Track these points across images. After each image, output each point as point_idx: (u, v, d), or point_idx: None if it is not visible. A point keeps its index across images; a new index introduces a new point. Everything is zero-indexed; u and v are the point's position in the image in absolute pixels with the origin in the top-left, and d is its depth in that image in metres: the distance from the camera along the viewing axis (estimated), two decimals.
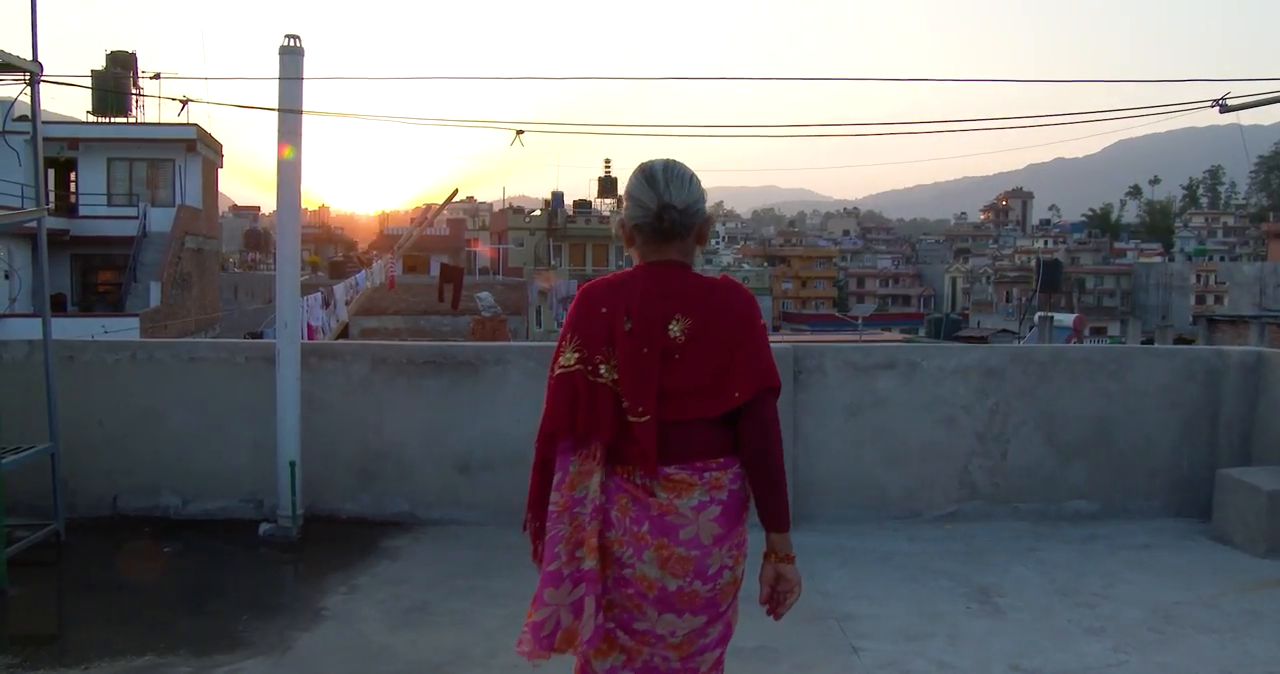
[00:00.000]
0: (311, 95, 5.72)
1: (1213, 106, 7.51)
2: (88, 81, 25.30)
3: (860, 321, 50.34)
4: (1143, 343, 38.71)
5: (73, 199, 31.60)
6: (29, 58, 5.21)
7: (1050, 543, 5.58)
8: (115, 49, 33.42)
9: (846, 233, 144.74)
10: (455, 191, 23.31)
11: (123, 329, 23.14)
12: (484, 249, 63.54)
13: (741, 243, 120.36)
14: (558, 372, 2.44)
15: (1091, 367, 6.11)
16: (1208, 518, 5.85)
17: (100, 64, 32.46)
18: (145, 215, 30.36)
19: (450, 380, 5.84)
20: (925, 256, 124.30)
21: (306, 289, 11.99)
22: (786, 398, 5.75)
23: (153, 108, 34.08)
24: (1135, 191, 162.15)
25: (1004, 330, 52.65)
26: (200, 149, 32.00)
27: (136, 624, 4.27)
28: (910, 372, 5.96)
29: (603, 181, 68.35)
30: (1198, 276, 76.91)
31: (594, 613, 2.32)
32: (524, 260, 59.12)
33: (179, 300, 30.53)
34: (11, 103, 5.71)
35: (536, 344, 6.18)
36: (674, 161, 2.51)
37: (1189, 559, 5.34)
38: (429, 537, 5.58)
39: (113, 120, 32.55)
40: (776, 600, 2.56)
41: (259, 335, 22.40)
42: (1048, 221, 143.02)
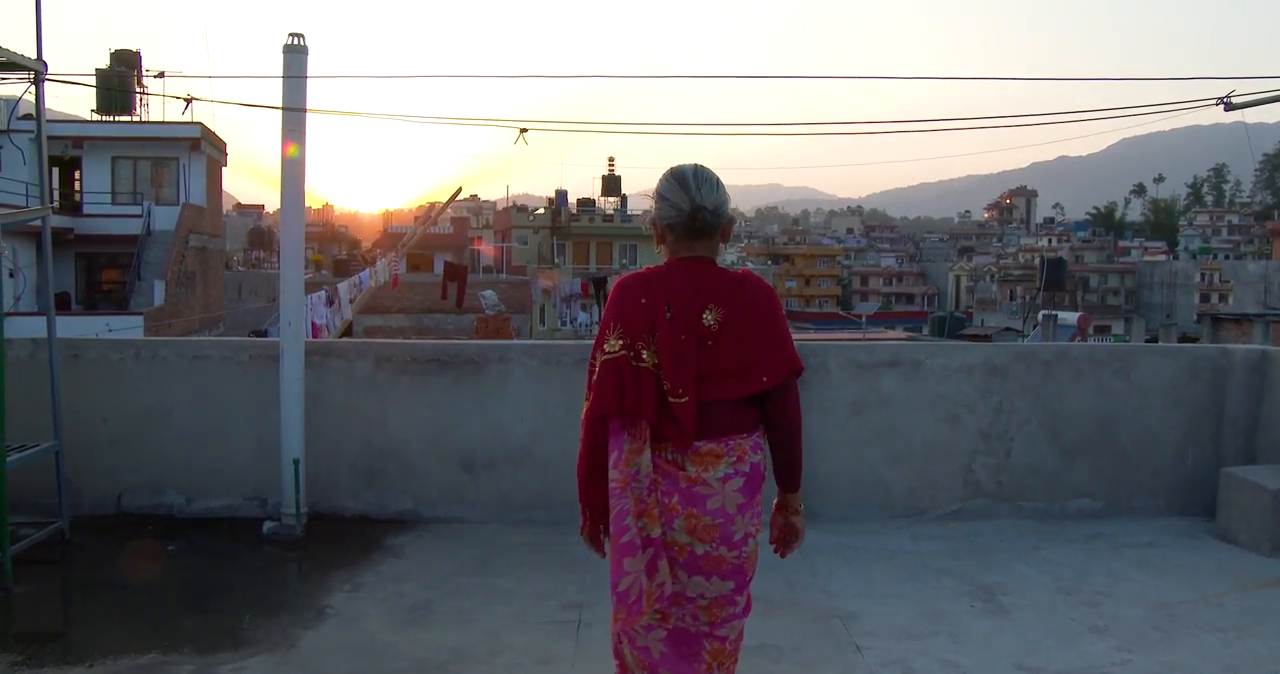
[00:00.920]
0: (315, 93, 5.72)
1: (1217, 104, 7.49)
2: (92, 80, 25.31)
3: (864, 320, 50.29)
4: (1147, 341, 38.64)
5: (77, 197, 31.63)
6: (33, 56, 5.21)
7: (1054, 541, 5.58)
8: (119, 47, 33.46)
9: (850, 231, 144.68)
10: (459, 190, 23.32)
11: (127, 327, 23.18)
12: (487, 248, 63.55)
13: (745, 241, 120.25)
14: (604, 358, 2.67)
15: (1095, 365, 6.10)
16: (1212, 516, 5.84)
17: (105, 63, 32.49)
18: (149, 214, 30.39)
19: (454, 379, 5.84)
20: (929, 255, 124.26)
21: (310, 287, 12.00)
22: None
23: (157, 106, 34.24)
24: (1140, 190, 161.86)
25: (1008, 329, 52.57)
26: (204, 147, 32.03)
27: (140, 622, 4.28)
28: (914, 370, 5.96)
29: (607, 180, 68.28)
30: (1202, 275, 76.79)
31: (668, 571, 2.60)
32: (528, 259, 59.11)
33: (183, 299, 30.56)
34: (16, 101, 5.73)
35: (540, 342, 6.19)
36: (702, 166, 2.73)
37: (1193, 558, 5.33)
38: (432, 535, 5.58)
39: (117, 119, 32.58)
40: (785, 543, 2.93)
41: (263, 334, 22.42)
42: (1052, 220, 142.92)
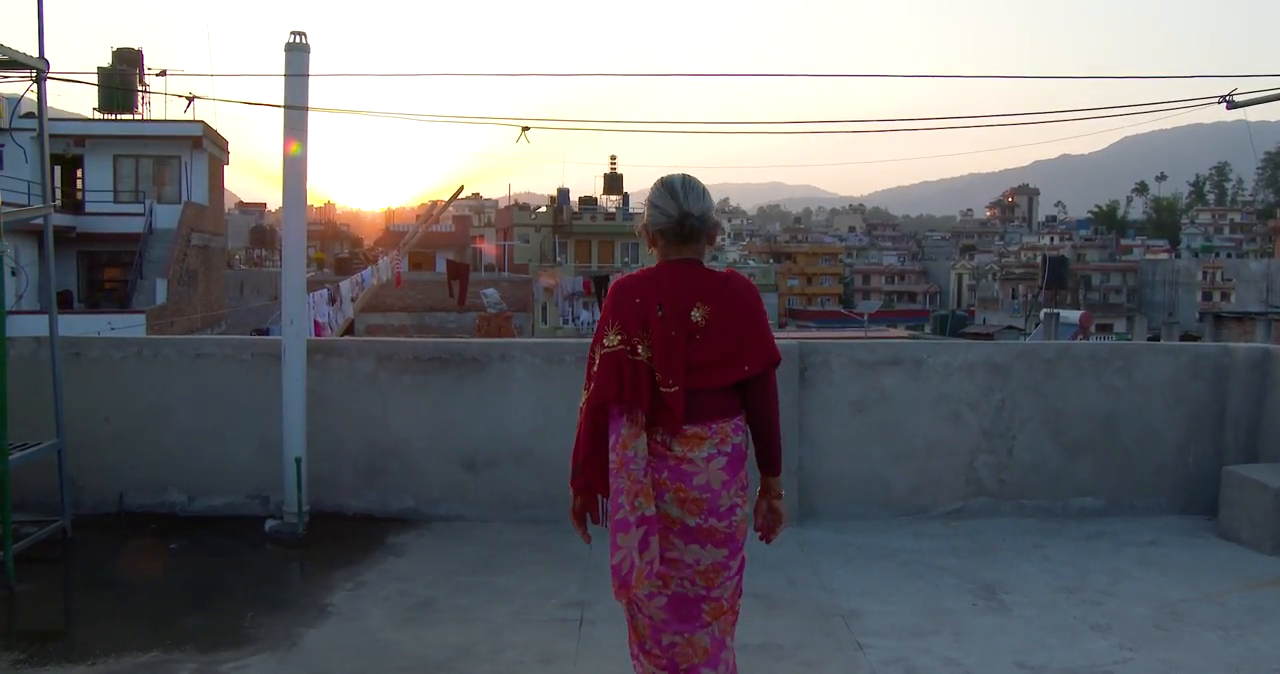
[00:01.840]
0: (317, 91, 5.73)
1: (1219, 103, 7.49)
2: (94, 78, 25.33)
3: (866, 318, 50.24)
4: (1149, 340, 38.63)
5: (79, 196, 31.66)
6: (35, 55, 5.22)
7: (1056, 540, 5.58)
8: (121, 46, 33.51)
9: (852, 229, 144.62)
10: (461, 188, 23.30)
11: (129, 326, 23.19)
12: (488, 247, 63.54)
13: (747, 239, 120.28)
14: (604, 351, 2.94)
15: (1097, 363, 6.10)
16: (1214, 515, 5.84)
17: (106, 61, 32.52)
18: (151, 212, 30.41)
19: (455, 377, 5.84)
20: (931, 253, 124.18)
21: (312, 286, 12.00)
22: (792, 395, 5.75)
23: (159, 105, 34.22)
24: (1142, 188, 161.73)
25: (1010, 327, 52.57)
26: (206, 146, 32.04)
27: (143, 620, 4.28)
28: (916, 368, 5.96)
29: (609, 178, 68.25)
30: (1204, 273, 76.73)
31: (658, 549, 2.82)
32: (530, 257, 59.11)
33: (185, 297, 30.58)
34: (18, 100, 5.74)
35: (542, 341, 6.19)
36: (690, 177, 3.01)
37: (1195, 556, 5.33)
38: (434, 533, 5.58)
39: (119, 117, 32.60)
40: (768, 528, 3.14)
41: (265, 332, 22.42)
42: (1054, 218, 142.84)
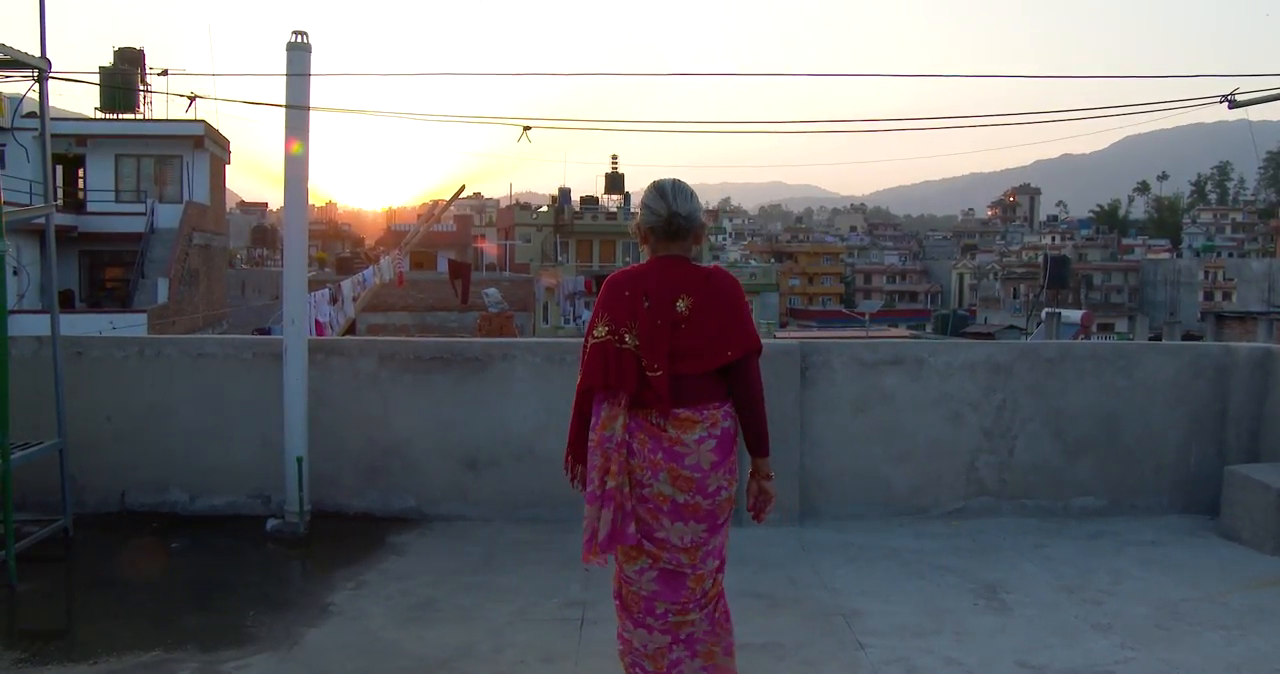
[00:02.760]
0: (319, 91, 5.72)
1: (1221, 102, 7.49)
2: (96, 78, 25.35)
3: (867, 318, 50.26)
4: (1150, 339, 38.62)
5: (81, 195, 31.68)
6: (37, 54, 5.21)
7: (1057, 539, 5.58)
8: (123, 45, 33.55)
9: (853, 229, 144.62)
10: (462, 188, 23.29)
11: (130, 325, 23.21)
12: (489, 247, 63.52)
13: (748, 239, 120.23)
14: (592, 341, 3.20)
15: (1099, 363, 6.10)
16: (1216, 515, 5.83)
17: (108, 61, 32.53)
18: (153, 212, 30.41)
19: (457, 377, 5.84)
20: (932, 253, 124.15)
21: (313, 285, 12.01)
22: (793, 394, 5.75)
23: (160, 104, 34.19)
24: (1143, 187, 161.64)
25: (1011, 327, 52.51)
26: (208, 145, 32.05)
27: (144, 620, 4.28)
28: (917, 368, 5.96)
29: (610, 177, 68.23)
30: (1206, 273, 76.66)
31: (620, 520, 3.09)
32: (531, 256, 59.11)
33: (186, 297, 30.59)
34: (20, 99, 5.73)
35: (543, 340, 6.18)
36: (679, 181, 3.28)
37: (1197, 556, 5.33)
38: (436, 533, 5.58)
39: (120, 117, 32.61)
40: (759, 508, 3.34)
41: (266, 331, 22.43)
42: (1055, 218, 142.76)
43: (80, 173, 31.89)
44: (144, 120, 32.67)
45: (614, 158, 68.16)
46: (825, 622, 4.34)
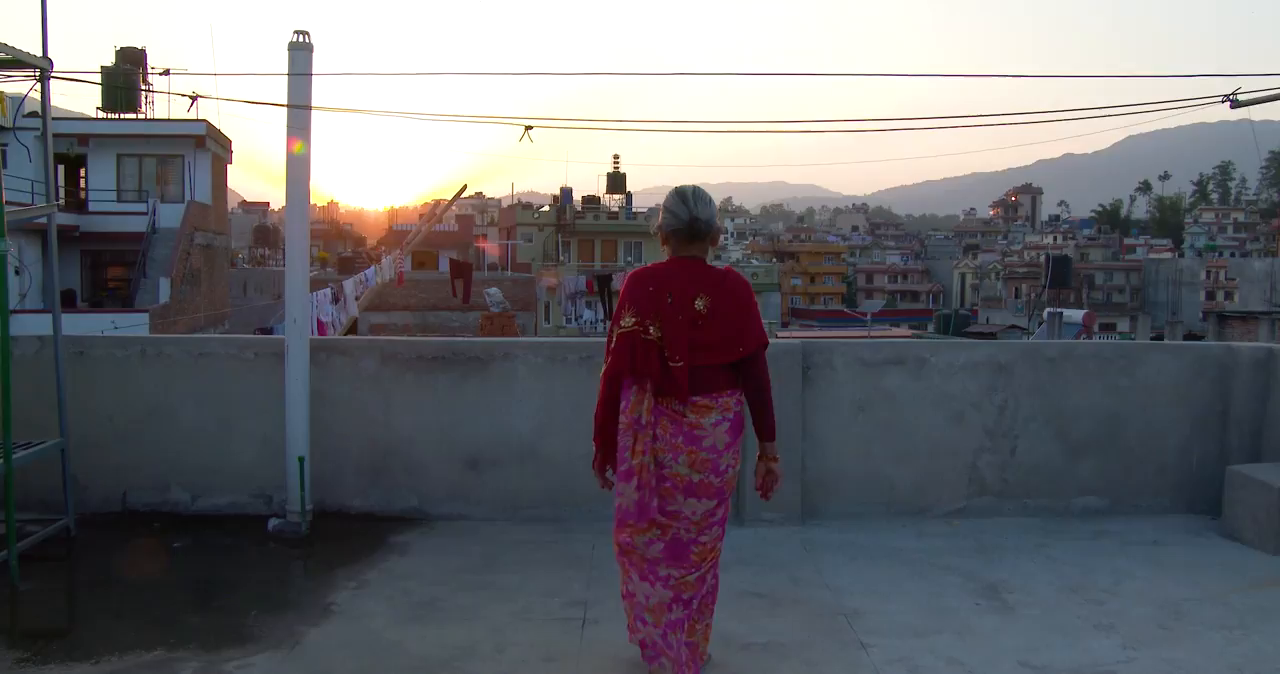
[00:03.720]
0: (321, 91, 5.72)
1: (1223, 102, 7.49)
2: (97, 78, 25.39)
3: (869, 317, 50.16)
4: (1152, 339, 38.60)
5: (83, 195, 31.71)
6: (39, 54, 5.21)
7: (1059, 539, 5.57)
8: (125, 45, 33.55)
9: (855, 229, 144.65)
10: (464, 187, 23.34)
11: (132, 325, 23.24)
12: (490, 246, 63.51)
13: (750, 238, 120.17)
14: (620, 331, 3.53)
15: (1101, 363, 6.09)
16: (1218, 514, 5.83)
17: (110, 60, 32.57)
18: (155, 211, 30.44)
19: (459, 376, 5.84)
20: (934, 252, 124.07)
21: (315, 285, 12.01)
22: (795, 394, 5.75)
23: (162, 104, 34.24)
24: (1145, 187, 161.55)
25: (1013, 326, 52.47)
26: (209, 145, 32.07)
27: (146, 619, 4.28)
28: (919, 368, 5.95)
29: (612, 177, 68.19)
30: (1208, 273, 76.64)
31: (646, 496, 3.44)
32: (533, 256, 59.10)
33: (188, 296, 30.61)
34: (22, 99, 5.73)
35: (545, 340, 6.18)
36: (699, 187, 3.60)
37: (1199, 555, 5.33)
38: (437, 532, 5.58)
39: (122, 116, 32.65)
40: (766, 486, 3.67)
41: (268, 331, 22.44)
42: (1057, 217, 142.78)
43: (82, 172, 31.92)
44: (146, 120, 32.71)
45: (616, 157, 68.15)
46: (827, 621, 4.34)
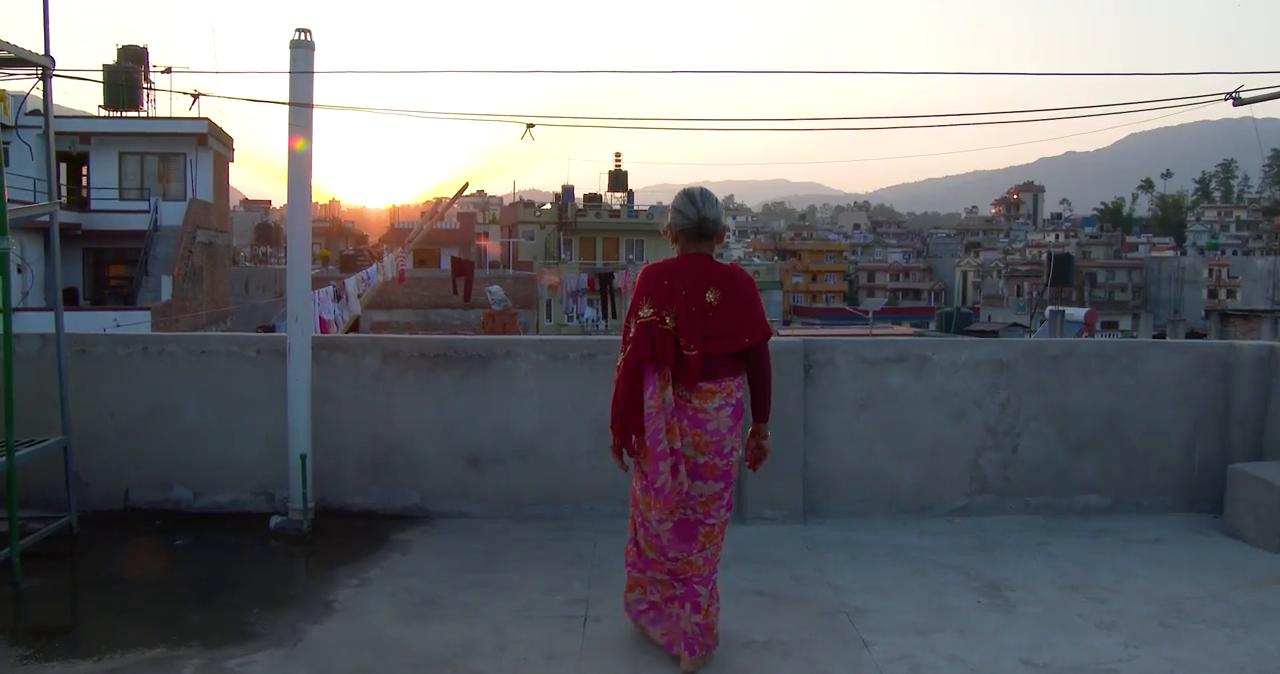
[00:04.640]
0: (322, 89, 5.71)
1: (1226, 99, 7.47)
2: (99, 76, 25.39)
3: (870, 316, 50.15)
4: (1154, 337, 38.58)
5: (85, 193, 31.73)
6: (41, 52, 5.22)
7: (1061, 537, 5.57)
8: (126, 43, 33.53)
9: (857, 227, 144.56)
10: (466, 185, 23.34)
11: (134, 323, 23.24)
12: (490, 246, 63.49)
13: (752, 237, 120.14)
14: (639, 321, 3.73)
15: (1103, 361, 6.09)
16: (1219, 513, 5.83)
17: (112, 58, 32.57)
18: (157, 209, 30.46)
19: (460, 374, 5.84)
20: (936, 250, 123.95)
21: (317, 283, 12.01)
22: (796, 392, 5.75)
23: (164, 102, 34.23)
24: (1147, 185, 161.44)
25: (1015, 324, 52.44)
26: (211, 143, 32.08)
27: (148, 616, 4.29)
28: (921, 366, 5.95)
29: (613, 175, 68.18)
30: (1210, 271, 76.59)
31: (685, 475, 3.68)
32: (534, 254, 59.11)
33: (190, 294, 30.63)
34: (24, 97, 5.73)
35: (547, 337, 6.19)
36: (705, 188, 3.87)
37: (1200, 554, 5.32)
38: (439, 530, 5.59)
39: (124, 114, 32.67)
40: (755, 460, 4.02)
41: (270, 329, 22.47)
42: (1059, 215, 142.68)
43: (84, 170, 31.94)
44: (148, 118, 32.74)
45: (617, 155, 68.16)
46: (829, 620, 4.34)
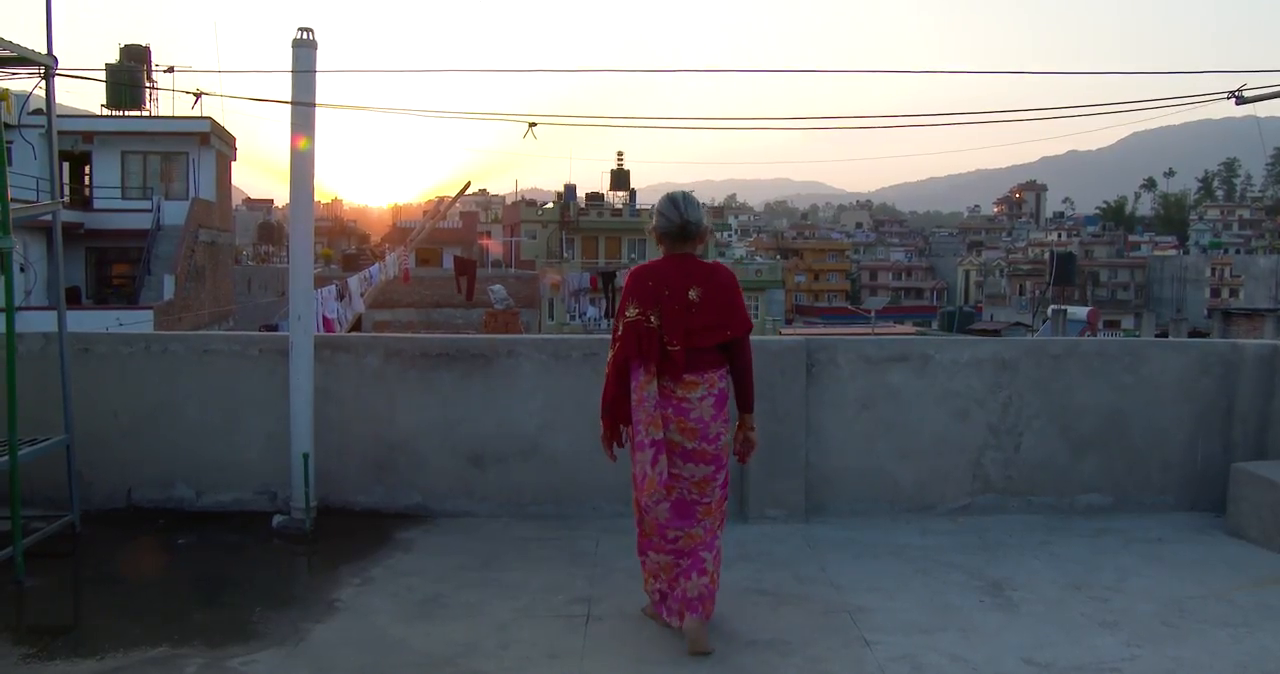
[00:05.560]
0: (324, 88, 5.71)
1: (1228, 98, 7.45)
2: (102, 75, 25.40)
3: (873, 315, 50.12)
4: (1157, 336, 38.54)
5: (87, 192, 31.75)
6: (44, 51, 5.22)
7: (1063, 536, 5.57)
8: (129, 43, 33.58)
9: (859, 226, 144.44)
10: (468, 184, 23.39)
11: (137, 322, 23.25)
12: (492, 245, 63.51)
13: (754, 236, 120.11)
14: (626, 320, 3.99)
15: (1105, 360, 6.08)
16: (1222, 512, 5.82)
17: (114, 58, 32.63)
18: (159, 208, 30.48)
19: (462, 373, 5.85)
20: (938, 249, 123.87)
21: (320, 282, 12.02)
22: (798, 391, 5.75)
23: (166, 101, 34.23)
24: (1150, 184, 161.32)
25: (1017, 323, 52.40)
26: (214, 142, 32.10)
27: (151, 615, 4.29)
28: (923, 364, 5.95)
29: (615, 174, 68.21)
30: (1213, 270, 76.55)
31: (665, 465, 3.92)
32: (536, 253, 59.13)
33: (193, 293, 30.66)
34: (27, 96, 5.73)
35: (549, 336, 6.19)
36: (688, 193, 4.13)
37: (1203, 553, 5.32)
38: (441, 529, 5.59)
39: (127, 114, 32.69)
40: (743, 452, 4.26)
41: (273, 328, 22.46)
42: (1061, 214, 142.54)
43: (87, 170, 31.96)
44: (150, 117, 32.77)
45: (619, 154, 68.27)
46: (831, 618, 4.34)
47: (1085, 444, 6.03)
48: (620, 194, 67.22)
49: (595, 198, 66.00)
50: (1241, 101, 7.44)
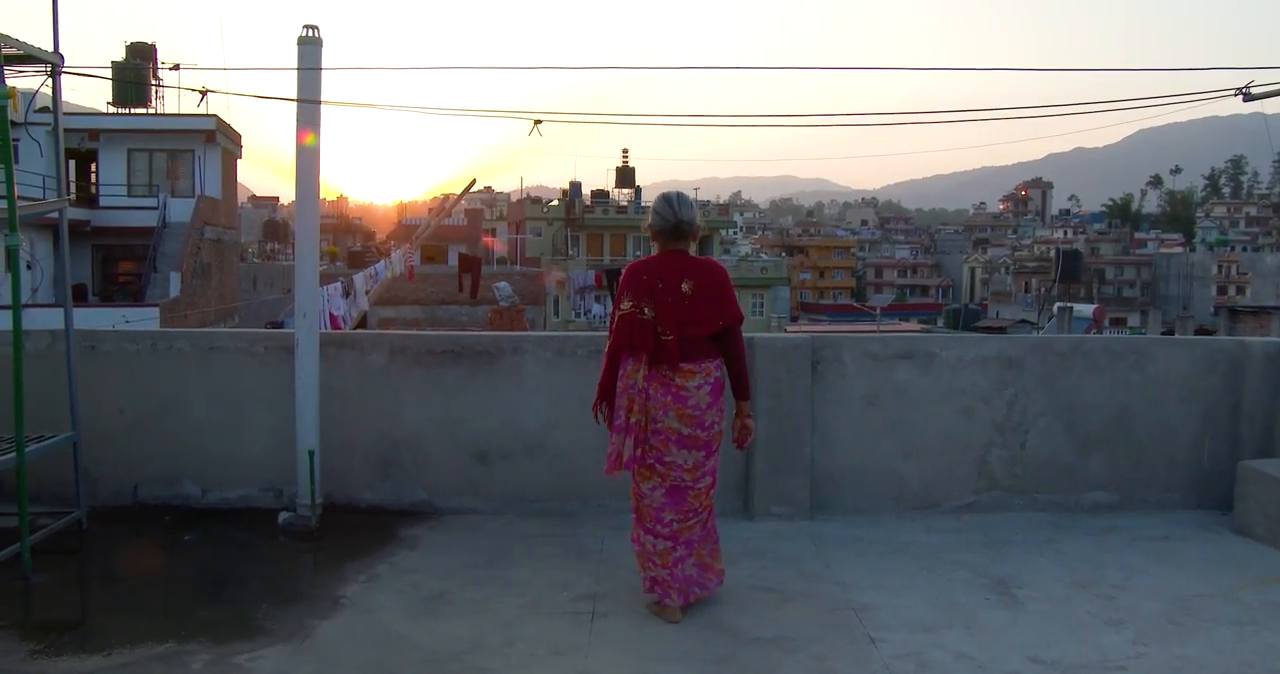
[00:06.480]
0: (330, 85, 5.71)
1: (1236, 95, 7.43)
2: (108, 73, 25.45)
3: (878, 312, 50.14)
4: (1163, 334, 38.46)
5: (93, 190, 31.82)
6: (50, 49, 5.23)
7: (1069, 534, 5.56)
8: (135, 40, 33.61)
9: (864, 223, 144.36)
10: (473, 181, 23.39)
11: (143, 319, 23.32)
12: (496, 244, 63.53)
13: (759, 233, 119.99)
14: (620, 313, 4.23)
15: (1111, 357, 6.07)
16: (1228, 510, 5.81)
17: (120, 55, 32.64)
18: (165, 206, 30.53)
19: (468, 370, 5.85)
20: (944, 247, 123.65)
21: (325, 279, 12.03)
22: (804, 388, 5.74)
23: (172, 99, 34.35)
24: (1156, 181, 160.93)
25: (1023, 321, 52.37)
26: (219, 139, 32.15)
27: (157, 612, 4.30)
28: (928, 362, 5.94)
29: (620, 171, 68.15)
30: (1219, 267, 76.37)
31: (634, 446, 4.17)
32: (542, 250, 59.08)
33: (198, 290, 30.71)
34: (33, 94, 5.74)
35: (554, 333, 6.19)
36: (682, 193, 4.36)
37: (1209, 551, 5.31)
38: (447, 526, 5.59)
39: (133, 111, 32.74)
40: (740, 439, 4.41)
41: (279, 325, 22.51)
42: (1067, 212, 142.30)
43: (93, 167, 32.03)
44: (156, 115, 32.83)
45: (624, 151, 68.16)
46: (836, 616, 4.34)
47: (1091, 442, 6.02)
48: (625, 191, 67.12)
49: (600, 195, 65.91)
50: (1249, 98, 7.42)
